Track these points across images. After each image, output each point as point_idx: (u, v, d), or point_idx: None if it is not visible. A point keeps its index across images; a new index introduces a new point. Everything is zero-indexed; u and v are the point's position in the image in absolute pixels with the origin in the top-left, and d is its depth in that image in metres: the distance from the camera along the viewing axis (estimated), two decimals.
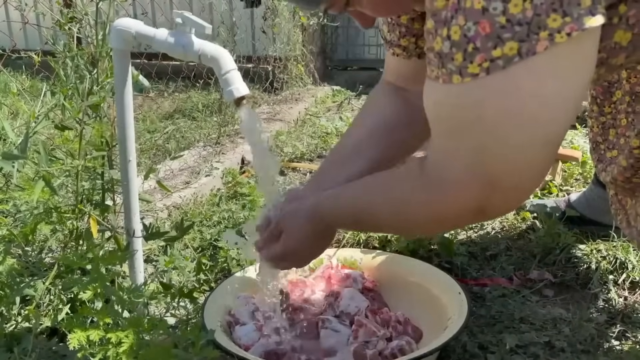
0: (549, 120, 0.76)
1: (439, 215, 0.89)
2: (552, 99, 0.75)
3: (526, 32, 0.71)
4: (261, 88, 3.77)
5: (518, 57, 0.72)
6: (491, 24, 0.72)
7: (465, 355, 1.27)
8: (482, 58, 0.73)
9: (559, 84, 0.74)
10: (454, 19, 0.75)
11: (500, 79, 0.74)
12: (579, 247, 1.64)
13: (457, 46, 0.75)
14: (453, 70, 0.76)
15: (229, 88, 1.08)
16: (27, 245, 1.30)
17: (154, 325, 1.00)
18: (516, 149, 0.77)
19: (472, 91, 0.76)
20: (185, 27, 1.08)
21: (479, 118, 0.77)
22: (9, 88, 3.07)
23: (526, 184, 0.82)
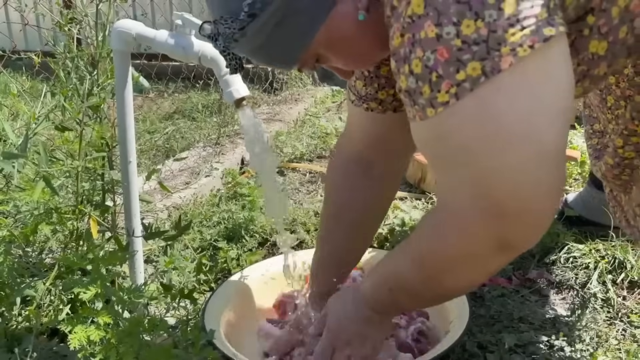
0: (533, 134, 0.74)
1: (461, 260, 0.85)
2: (530, 113, 0.73)
3: (485, 50, 0.71)
4: (261, 88, 3.77)
5: (484, 77, 0.72)
6: (448, 48, 0.72)
7: (464, 355, 1.27)
8: (448, 84, 0.73)
9: (534, 97, 0.73)
10: (412, 52, 0.75)
11: (471, 103, 0.73)
12: (578, 247, 1.64)
13: (422, 79, 0.75)
14: (424, 104, 0.76)
15: (229, 89, 1.08)
16: (28, 246, 1.31)
17: (154, 325, 1.01)
18: (508, 171, 0.75)
19: (448, 120, 0.76)
20: (185, 29, 1.09)
21: (463, 147, 0.76)
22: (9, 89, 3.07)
23: (538, 205, 0.78)
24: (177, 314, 1.28)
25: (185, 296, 1.19)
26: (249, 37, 0.87)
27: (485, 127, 0.74)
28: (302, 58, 0.93)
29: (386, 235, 1.75)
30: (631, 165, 1.18)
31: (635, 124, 1.11)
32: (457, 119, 0.75)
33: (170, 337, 1.08)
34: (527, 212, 0.78)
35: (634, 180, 1.21)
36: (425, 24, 0.73)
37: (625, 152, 1.16)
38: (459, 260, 0.86)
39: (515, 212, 0.77)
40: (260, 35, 0.87)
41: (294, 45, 0.90)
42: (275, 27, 0.87)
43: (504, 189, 0.76)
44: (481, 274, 0.90)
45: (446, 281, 0.91)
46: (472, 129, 0.75)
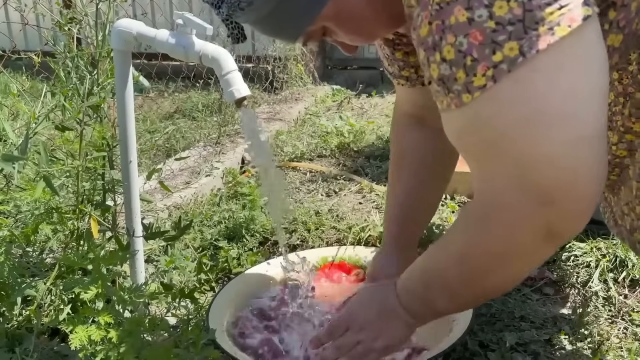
0: (574, 115, 0.72)
1: (507, 253, 0.82)
2: (570, 93, 0.71)
3: (522, 29, 0.69)
4: (261, 88, 3.77)
5: (521, 57, 0.69)
6: (482, 31, 0.70)
7: (466, 354, 1.27)
8: (484, 67, 0.71)
9: (573, 77, 0.71)
10: (442, 39, 0.73)
11: (509, 85, 0.71)
12: (579, 245, 1.64)
13: (456, 64, 0.73)
14: (460, 90, 0.74)
15: (230, 89, 1.08)
16: (28, 246, 1.31)
17: (155, 325, 1.01)
18: (552, 154, 0.72)
19: (485, 106, 0.73)
20: (186, 28, 1.09)
21: (503, 133, 0.74)
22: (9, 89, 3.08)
23: (584, 188, 0.75)
24: (177, 313, 1.28)
25: (186, 296, 1.19)
26: (256, 5, 0.85)
27: (525, 110, 0.72)
28: (309, 30, 0.91)
29: None
30: (621, 165, 1.18)
31: (632, 121, 1.11)
32: (496, 103, 0.73)
33: (171, 337, 1.08)
34: (573, 197, 0.75)
35: (622, 181, 1.20)
36: (455, 9, 0.71)
37: (618, 150, 1.16)
38: (505, 254, 0.83)
39: (562, 197, 0.74)
40: (268, 5, 0.85)
41: (302, 17, 0.88)
42: None
43: (548, 174, 0.73)
44: (525, 268, 0.86)
45: (489, 278, 0.88)
46: (511, 112, 0.72)
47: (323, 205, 2.03)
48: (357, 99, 3.76)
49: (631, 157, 1.15)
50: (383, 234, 1.37)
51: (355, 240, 1.74)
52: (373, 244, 1.72)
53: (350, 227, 1.81)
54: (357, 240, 1.74)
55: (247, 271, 1.47)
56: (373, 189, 2.18)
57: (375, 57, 4.47)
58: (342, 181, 2.29)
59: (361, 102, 3.69)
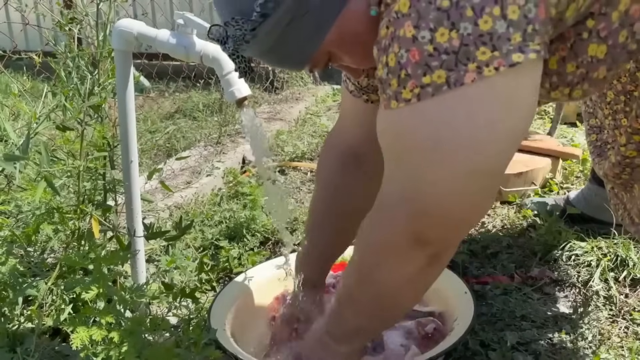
0: (478, 149, 0.78)
1: (385, 251, 0.90)
2: (482, 130, 0.77)
3: (454, 62, 0.74)
4: (261, 87, 3.77)
5: (446, 86, 0.75)
6: (420, 52, 0.75)
7: (467, 353, 1.27)
8: (413, 84, 0.76)
9: (490, 116, 0.77)
10: (390, 46, 0.78)
11: (430, 107, 0.77)
12: (580, 244, 1.64)
13: (393, 72, 0.78)
14: (390, 95, 0.79)
15: (231, 89, 1.08)
16: (30, 246, 1.31)
17: (156, 325, 1.01)
18: (444, 177, 0.80)
19: (406, 118, 0.80)
20: (187, 28, 1.09)
21: (412, 146, 0.81)
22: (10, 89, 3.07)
23: (457, 214, 0.83)
24: (179, 313, 1.28)
25: (187, 295, 1.19)
26: (260, 37, 0.87)
27: (438, 132, 0.78)
28: (314, 57, 0.93)
29: None
30: (632, 165, 1.18)
31: (638, 122, 1.10)
32: (414, 119, 0.79)
33: (172, 337, 1.08)
34: (444, 217, 0.83)
35: (635, 179, 1.21)
36: (406, 23, 0.76)
37: (628, 151, 1.16)
38: (381, 250, 0.90)
39: (434, 214, 0.83)
40: (271, 36, 0.88)
41: (306, 45, 0.91)
42: (287, 27, 0.87)
43: (431, 190, 0.81)
44: (405, 274, 0.91)
45: (376, 279, 0.94)
46: (426, 131, 0.79)
47: None
48: None
49: None
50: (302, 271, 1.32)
51: None
52: None
53: None
54: None
55: (249, 271, 1.47)
56: None
57: None
58: None
59: None
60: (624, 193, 1.26)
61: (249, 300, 1.37)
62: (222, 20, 0.90)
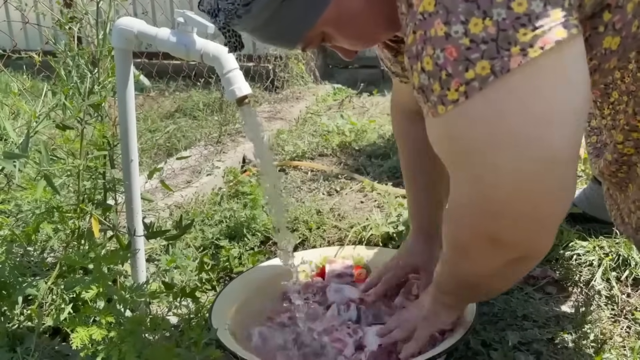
0: (541, 139, 0.73)
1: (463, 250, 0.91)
2: (540, 116, 0.73)
3: (495, 49, 0.70)
4: (262, 87, 3.76)
5: (493, 76, 0.71)
6: (457, 47, 0.72)
7: (468, 353, 1.27)
8: (457, 83, 0.73)
9: (545, 100, 0.73)
10: (423, 50, 0.75)
11: (480, 102, 0.73)
12: (582, 244, 1.64)
13: (433, 76, 0.75)
14: (436, 101, 0.76)
15: (231, 87, 1.07)
16: (29, 245, 1.30)
17: (156, 324, 1.00)
18: (510, 173, 0.75)
19: (458, 120, 0.76)
20: (187, 27, 1.08)
21: (471, 148, 0.77)
22: (10, 88, 3.07)
23: (531, 212, 0.78)
24: (179, 312, 1.28)
25: (187, 295, 1.19)
26: (253, 13, 0.85)
27: (493, 128, 0.74)
28: (308, 36, 0.91)
29: (392, 235, 1.74)
30: (629, 162, 1.18)
31: (637, 120, 1.10)
32: (467, 118, 0.75)
33: (172, 336, 1.08)
34: (525, 215, 0.78)
35: (630, 178, 1.20)
36: (435, 22, 0.73)
37: (625, 148, 1.16)
38: (463, 250, 0.90)
39: (512, 214, 0.78)
40: (265, 12, 0.85)
41: (301, 22, 0.88)
42: (283, 3, 0.85)
43: (500, 189, 0.77)
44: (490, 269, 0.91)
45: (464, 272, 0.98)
46: (480, 129, 0.75)
47: (324, 205, 2.02)
48: (358, 98, 3.75)
49: (639, 155, 1.14)
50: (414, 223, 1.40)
51: (357, 240, 1.74)
52: (375, 243, 1.72)
53: (352, 226, 1.81)
54: (358, 240, 1.74)
55: (249, 270, 1.46)
56: (374, 187, 2.17)
57: (376, 56, 4.47)
58: (343, 180, 2.29)
59: (362, 100, 3.69)
60: (619, 193, 1.26)
61: (250, 300, 1.37)
62: None
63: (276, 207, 1.28)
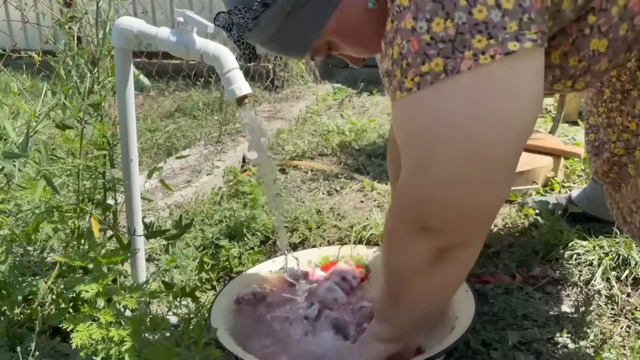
0: (478, 136, 0.79)
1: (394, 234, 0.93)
2: (480, 118, 0.78)
3: (451, 50, 0.76)
4: (262, 86, 3.76)
5: (444, 74, 0.77)
6: (419, 41, 0.78)
7: (468, 352, 1.27)
8: (413, 73, 0.79)
9: (485, 101, 0.78)
10: (394, 39, 0.81)
11: (429, 95, 0.79)
12: (582, 243, 1.64)
13: (397, 63, 0.81)
14: (395, 86, 0.82)
15: (231, 87, 1.07)
16: (29, 245, 1.30)
17: (156, 324, 1.00)
18: (444, 164, 0.81)
19: (408, 106, 0.82)
20: (187, 26, 1.08)
21: (414, 132, 0.83)
22: (9, 88, 3.07)
23: (458, 200, 0.83)
24: (179, 312, 1.28)
25: (187, 295, 1.19)
26: (262, 26, 0.91)
27: (437, 119, 0.80)
28: (314, 46, 0.97)
29: None
30: (619, 163, 1.18)
31: (628, 120, 1.11)
32: (415, 107, 0.82)
33: (172, 336, 1.08)
34: (447, 202, 0.84)
35: (622, 179, 1.20)
36: (407, 15, 0.79)
37: (616, 148, 1.17)
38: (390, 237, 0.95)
39: (437, 199, 0.84)
40: (273, 25, 0.91)
41: (306, 34, 0.94)
42: (288, 16, 0.91)
43: (435, 175, 0.83)
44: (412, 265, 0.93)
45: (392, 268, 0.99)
46: (425, 119, 0.81)
47: (324, 204, 2.02)
48: (358, 98, 3.76)
49: (629, 156, 1.15)
50: None
51: (357, 239, 1.74)
52: (375, 242, 1.72)
53: (352, 225, 1.81)
54: (358, 239, 1.74)
55: (249, 270, 1.46)
56: (374, 187, 2.17)
57: None
58: (343, 180, 2.29)
59: (362, 100, 3.69)
60: (614, 192, 1.27)
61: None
62: (226, 8, 0.95)
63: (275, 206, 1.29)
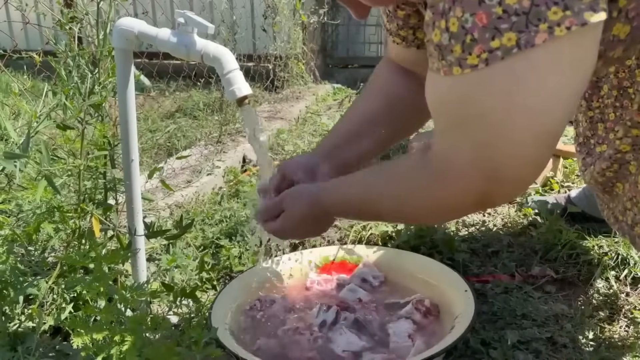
0: (550, 113, 0.76)
1: (441, 206, 0.91)
2: (552, 93, 0.75)
3: (524, 23, 0.71)
4: (262, 86, 3.76)
5: (517, 49, 0.72)
6: (488, 14, 0.72)
7: (467, 352, 1.27)
8: (480, 49, 0.74)
9: (559, 78, 0.74)
10: (451, 10, 0.75)
11: (499, 71, 0.74)
12: (581, 243, 1.64)
13: (456, 38, 0.75)
14: (452, 61, 0.77)
15: (231, 88, 1.08)
16: (30, 245, 1.31)
17: (157, 324, 1.01)
18: (518, 143, 0.78)
19: (474, 84, 0.77)
20: (188, 27, 1.08)
21: (482, 113, 0.78)
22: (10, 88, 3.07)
23: (526, 177, 0.83)
24: (179, 312, 1.28)
25: (187, 294, 1.19)
26: None
27: (509, 99, 0.75)
28: None
29: (391, 234, 1.74)
30: (622, 160, 1.18)
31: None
32: (483, 85, 0.76)
33: (173, 336, 1.08)
34: (515, 181, 0.83)
35: (618, 177, 1.20)
36: None
37: (622, 145, 1.16)
38: (437, 207, 0.92)
39: (507, 179, 0.81)
40: None
41: None
42: None
43: (505, 157, 0.79)
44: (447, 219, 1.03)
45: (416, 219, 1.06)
46: (495, 98, 0.76)
47: None
48: None
49: (634, 153, 1.14)
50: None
51: (357, 239, 1.74)
52: (375, 242, 1.72)
53: (352, 225, 1.81)
54: (358, 239, 1.74)
55: (249, 270, 1.47)
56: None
57: (376, 56, 4.47)
58: None
59: None
60: (603, 194, 1.27)
61: (250, 299, 1.37)
62: None
63: None
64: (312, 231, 1.22)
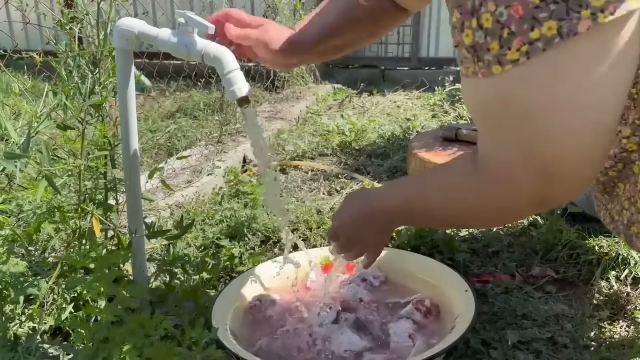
0: (600, 106, 0.72)
1: (498, 209, 0.88)
2: (599, 84, 0.71)
3: (565, 10, 0.67)
4: (262, 87, 3.77)
5: (559, 38, 0.68)
6: (524, 5, 0.68)
7: (468, 352, 1.27)
8: (519, 42, 0.70)
9: (606, 68, 0.70)
10: (482, 6, 0.71)
11: (542, 64, 0.70)
12: (581, 243, 1.64)
13: (491, 34, 0.71)
14: (491, 60, 0.73)
15: (232, 88, 1.08)
16: (31, 245, 1.31)
17: (157, 324, 1.01)
18: (569, 140, 0.74)
19: (516, 81, 0.73)
20: (188, 27, 1.08)
21: (528, 111, 0.74)
22: (10, 88, 3.07)
23: (585, 172, 0.79)
24: (180, 312, 1.28)
25: (188, 294, 1.19)
26: None
27: (553, 91, 0.71)
28: None
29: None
30: (627, 159, 1.17)
31: None
32: (526, 81, 0.72)
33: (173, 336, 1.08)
34: (573, 178, 0.78)
35: (620, 177, 1.20)
36: None
37: (628, 144, 1.15)
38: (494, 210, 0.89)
39: (564, 177, 0.77)
40: None
41: None
42: None
43: (557, 155, 0.75)
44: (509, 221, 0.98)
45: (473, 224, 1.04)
46: (540, 94, 0.72)
47: (325, 204, 2.03)
48: (358, 98, 3.76)
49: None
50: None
51: None
52: None
53: None
54: None
55: (250, 270, 1.47)
56: (375, 187, 2.18)
57: (377, 56, 4.47)
58: (343, 180, 2.29)
59: (362, 100, 3.69)
60: (601, 195, 1.26)
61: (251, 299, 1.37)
62: None
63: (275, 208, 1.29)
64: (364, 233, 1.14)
